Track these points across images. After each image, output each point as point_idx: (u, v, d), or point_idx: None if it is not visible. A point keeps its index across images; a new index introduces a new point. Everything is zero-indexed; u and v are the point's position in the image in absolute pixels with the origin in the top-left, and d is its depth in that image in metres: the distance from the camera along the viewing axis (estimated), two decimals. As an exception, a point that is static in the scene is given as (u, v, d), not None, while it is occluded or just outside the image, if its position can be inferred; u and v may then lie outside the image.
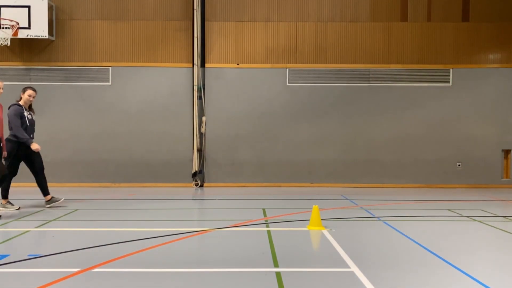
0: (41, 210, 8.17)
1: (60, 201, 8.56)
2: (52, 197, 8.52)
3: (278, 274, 4.62)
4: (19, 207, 8.25)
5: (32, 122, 8.44)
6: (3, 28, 10.89)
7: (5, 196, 8.20)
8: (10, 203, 8.23)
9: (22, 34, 11.01)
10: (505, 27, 11.81)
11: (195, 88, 11.65)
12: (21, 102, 8.34)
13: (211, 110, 11.81)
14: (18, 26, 10.90)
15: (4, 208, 8.08)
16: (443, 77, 11.84)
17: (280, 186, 11.81)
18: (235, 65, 11.86)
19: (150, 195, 10.31)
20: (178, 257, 5.26)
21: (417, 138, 11.83)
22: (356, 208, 8.62)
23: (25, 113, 8.27)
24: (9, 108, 8.21)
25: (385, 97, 11.86)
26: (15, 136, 8.03)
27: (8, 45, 11.02)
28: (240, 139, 11.82)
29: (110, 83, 11.77)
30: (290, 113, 11.84)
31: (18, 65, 11.69)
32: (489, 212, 8.19)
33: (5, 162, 7.92)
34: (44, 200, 8.54)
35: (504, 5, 11.80)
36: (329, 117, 11.84)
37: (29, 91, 8.42)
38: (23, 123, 8.15)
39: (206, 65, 11.83)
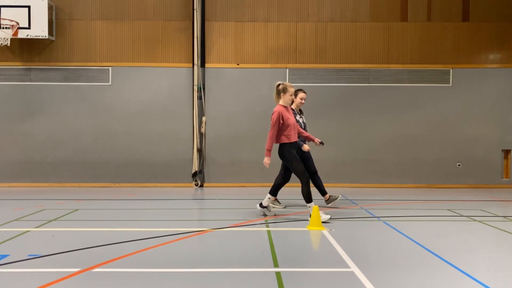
0: (41, 210, 8.17)
1: (338, 197, 8.63)
2: (330, 196, 8.60)
3: (278, 274, 4.62)
4: (285, 206, 8.62)
5: (303, 125, 8.34)
6: (3, 28, 10.89)
7: (274, 194, 8.12)
8: (278, 201, 8.63)
9: (22, 34, 11.00)
10: (505, 27, 11.81)
11: (195, 88, 11.65)
12: (293, 106, 8.17)
13: (211, 110, 11.81)
14: (18, 26, 10.90)
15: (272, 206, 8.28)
16: (443, 77, 11.83)
17: (280, 186, 11.77)
18: (235, 65, 11.85)
19: (150, 195, 10.32)
20: (178, 257, 5.26)
21: (417, 138, 11.83)
22: (356, 208, 8.62)
23: (297, 117, 8.18)
24: None
25: (385, 97, 11.85)
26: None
27: (8, 45, 11.02)
28: (240, 139, 11.81)
29: (110, 83, 11.77)
30: (290, 113, 11.82)
31: (18, 65, 11.69)
32: (489, 212, 8.19)
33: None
34: (323, 200, 8.64)
35: (504, 5, 11.80)
36: (329, 117, 11.84)
37: (301, 94, 8.26)
38: None
39: (206, 65, 11.82)
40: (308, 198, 7.14)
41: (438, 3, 11.80)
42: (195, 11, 11.55)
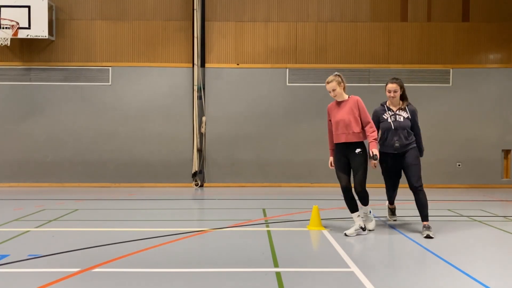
0: (41, 210, 8.17)
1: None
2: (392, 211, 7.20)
3: (278, 274, 4.61)
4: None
5: (395, 124, 6.54)
6: (3, 28, 10.88)
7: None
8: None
9: (22, 34, 11.00)
10: (505, 27, 11.80)
11: (195, 88, 11.65)
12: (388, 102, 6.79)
13: (211, 110, 11.80)
14: (18, 26, 10.90)
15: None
16: (443, 77, 11.83)
17: (280, 186, 11.80)
18: (235, 65, 11.85)
19: (150, 195, 10.32)
20: (178, 257, 5.26)
21: (417, 138, 11.80)
22: (356, 208, 8.60)
23: (386, 114, 6.65)
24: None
25: (385, 97, 11.81)
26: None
27: (8, 45, 11.01)
28: (240, 139, 11.81)
29: (110, 83, 11.77)
30: (290, 113, 11.83)
31: (18, 65, 11.69)
32: (489, 212, 8.19)
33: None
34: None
35: (504, 5, 11.80)
36: (329, 117, 11.81)
37: (388, 86, 6.65)
38: (379, 126, 6.65)
39: (206, 65, 11.82)
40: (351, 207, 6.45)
41: (438, 3, 11.80)
42: (195, 11, 11.55)
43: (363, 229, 6.34)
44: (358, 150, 6.35)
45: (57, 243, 5.87)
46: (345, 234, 6.20)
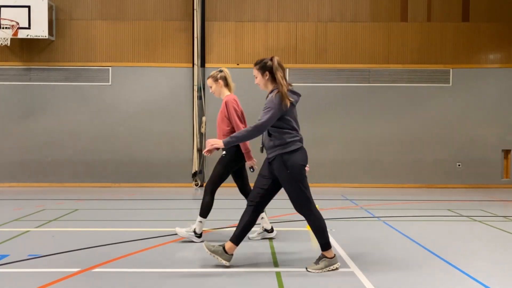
0: (41, 210, 8.17)
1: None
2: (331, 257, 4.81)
3: (278, 274, 4.62)
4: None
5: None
6: (3, 28, 10.88)
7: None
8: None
9: (22, 34, 11.00)
10: (505, 27, 11.80)
11: (195, 88, 11.65)
12: None
13: (211, 110, 11.80)
14: (18, 26, 10.89)
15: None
16: (443, 77, 11.83)
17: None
18: (235, 65, 11.85)
19: (150, 195, 10.31)
20: (178, 257, 5.26)
21: (417, 138, 11.82)
22: (356, 208, 8.61)
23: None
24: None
25: (385, 97, 11.85)
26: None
27: (8, 45, 11.01)
28: (240, 139, 11.79)
29: (110, 83, 11.77)
30: (290, 113, 11.81)
31: (18, 65, 11.69)
32: (489, 212, 8.18)
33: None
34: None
35: (504, 5, 11.79)
36: (329, 117, 11.83)
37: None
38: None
39: (206, 65, 11.82)
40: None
41: (438, 3, 11.80)
42: (195, 11, 11.55)
43: (197, 235, 5.88)
44: (224, 152, 6.16)
45: (57, 243, 5.87)
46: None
